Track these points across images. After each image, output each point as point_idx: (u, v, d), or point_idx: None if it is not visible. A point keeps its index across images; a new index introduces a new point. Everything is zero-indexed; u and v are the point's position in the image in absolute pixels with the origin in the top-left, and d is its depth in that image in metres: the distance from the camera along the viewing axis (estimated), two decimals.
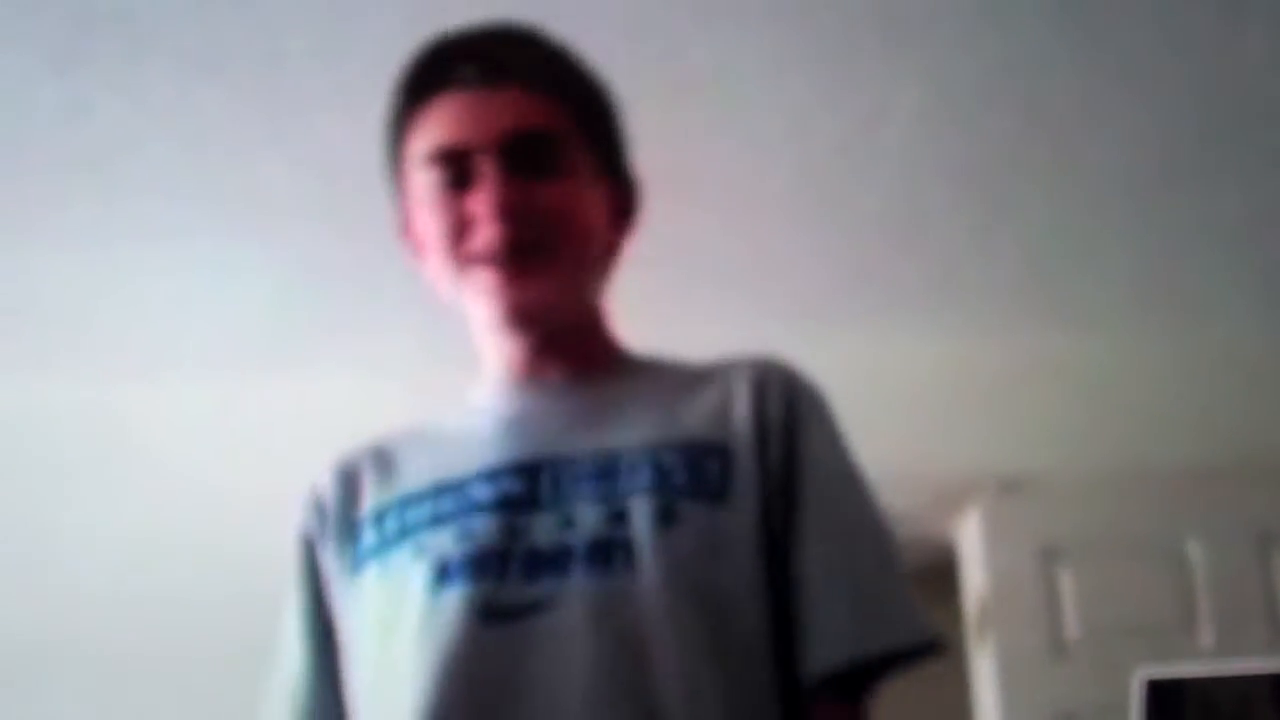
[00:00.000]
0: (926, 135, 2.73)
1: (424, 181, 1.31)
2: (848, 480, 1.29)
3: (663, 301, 1.49)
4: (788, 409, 1.28)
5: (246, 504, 3.04)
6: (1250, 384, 3.47)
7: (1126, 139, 2.75)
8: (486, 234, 1.26)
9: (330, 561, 1.32)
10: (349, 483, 1.35)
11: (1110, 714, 2.64)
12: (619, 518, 1.19)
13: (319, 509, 1.35)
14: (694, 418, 1.27)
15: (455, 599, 1.16)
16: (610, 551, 1.17)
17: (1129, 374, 3.47)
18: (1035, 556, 3.47)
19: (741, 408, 1.27)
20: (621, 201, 1.40)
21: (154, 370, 3.28)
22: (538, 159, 1.29)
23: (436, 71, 1.34)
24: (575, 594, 1.15)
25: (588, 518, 1.19)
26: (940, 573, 3.77)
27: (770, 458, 1.25)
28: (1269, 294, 3.33)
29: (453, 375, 1.41)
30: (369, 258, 2.89)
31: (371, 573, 1.25)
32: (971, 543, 3.60)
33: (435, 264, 1.33)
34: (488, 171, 1.27)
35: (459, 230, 1.28)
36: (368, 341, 3.21)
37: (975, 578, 3.56)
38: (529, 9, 1.42)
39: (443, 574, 1.19)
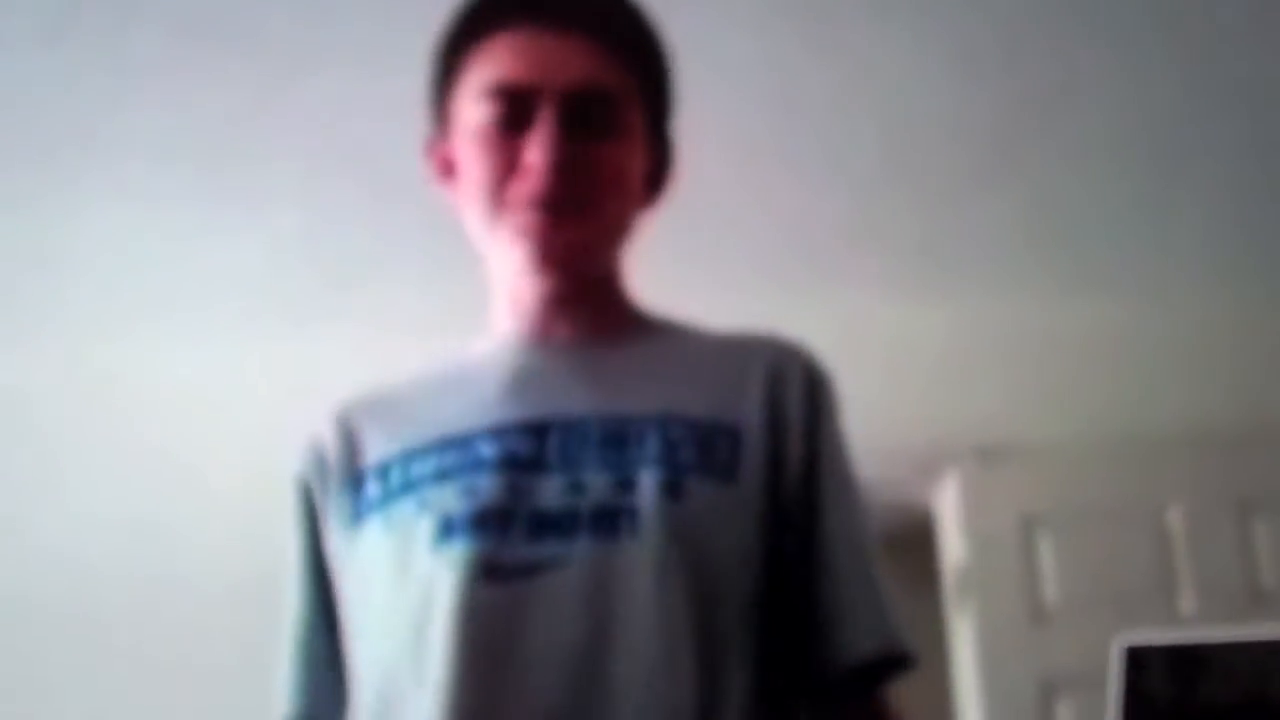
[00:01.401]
0: (904, 109, 2.73)
1: (477, 115, 1.30)
2: (853, 481, 1.31)
3: (648, 259, 1.49)
4: (808, 402, 1.29)
5: (241, 466, 3.05)
6: (1229, 351, 3.49)
7: (1112, 109, 2.77)
8: (535, 184, 1.26)
9: (330, 510, 1.32)
10: (349, 432, 1.34)
11: (1090, 680, 2.63)
12: (626, 486, 1.19)
13: (319, 458, 1.35)
14: (707, 394, 1.27)
15: (458, 555, 1.17)
16: (616, 519, 1.18)
17: (1108, 341, 3.48)
18: (1014, 524, 3.47)
19: (755, 392, 1.28)
20: (657, 164, 1.39)
21: (146, 332, 3.28)
22: (597, 118, 1.28)
23: (511, 4, 1.33)
24: (579, 559, 1.16)
25: (596, 484, 1.20)
26: (919, 540, 3.77)
27: (787, 448, 1.26)
28: (1248, 263, 3.35)
29: (454, 326, 1.41)
30: (360, 217, 2.90)
31: (375, 525, 1.25)
32: (950, 510, 3.60)
33: (471, 202, 1.32)
34: (547, 119, 1.26)
35: (506, 173, 1.27)
36: (362, 300, 3.22)
37: (954, 545, 3.56)
38: None
39: (447, 529, 1.19)
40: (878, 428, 3.12)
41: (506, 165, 1.27)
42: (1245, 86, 2.70)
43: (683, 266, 2.97)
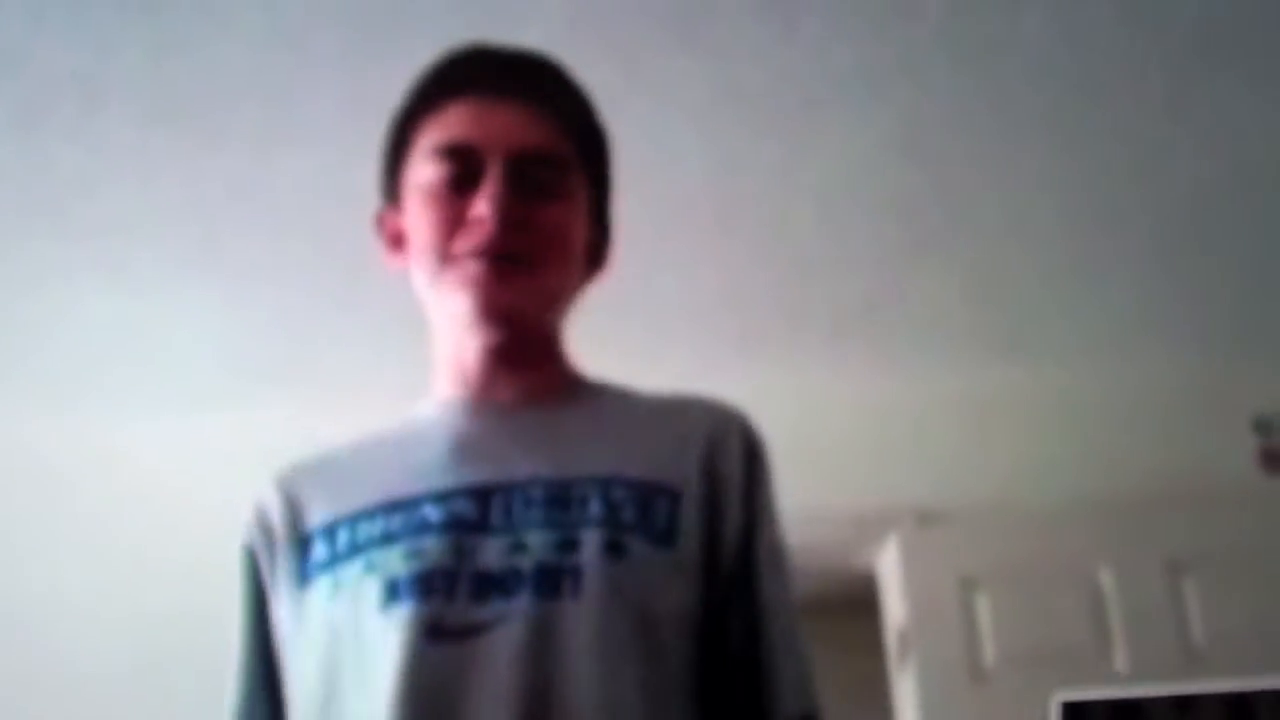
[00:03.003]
0: (842, 185, 2.80)
1: (427, 173, 1.34)
2: (783, 546, 1.34)
3: (590, 329, 1.53)
4: (746, 468, 1.32)
5: (198, 542, 3.05)
6: (1156, 417, 3.56)
7: (1043, 179, 2.83)
8: (482, 235, 1.29)
9: (276, 573, 1.32)
10: (292, 497, 1.35)
11: None
12: (569, 546, 1.21)
13: (263, 523, 1.34)
14: (647, 456, 1.30)
15: (404, 616, 1.18)
16: (558, 578, 1.19)
17: (1042, 408, 3.55)
18: (953, 585, 3.51)
19: (694, 455, 1.30)
20: (597, 244, 1.43)
21: (115, 406, 3.28)
22: (541, 180, 1.33)
23: (462, 74, 1.39)
24: (521, 616, 1.17)
25: (537, 543, 1.21)
26: (862, 601, 3.83)
27: (724, 512, 1.29)
28: (1174, 332, 3.43)
29: (409, 405, 1.44)
30: (324, 296, 2.92)
31: (322, 586, 1.26)
32: (891, 572, 3.65)
33: (417, 258, 1.34)
34: (494, 176, 1.30)
35: (453, 228, 1.31)
36: (324, 377, 3.23)
37: (895, 606, 3.61)
38: None
39: (392, 591, 1.20)
40: (820, 494, 3.20)
41: (454, 220, 1.30)
42: (1173, 153, 2.75)
43: (625, 337, 3.02)
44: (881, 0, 2.32)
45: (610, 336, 3.02)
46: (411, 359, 1.53)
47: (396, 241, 1.40)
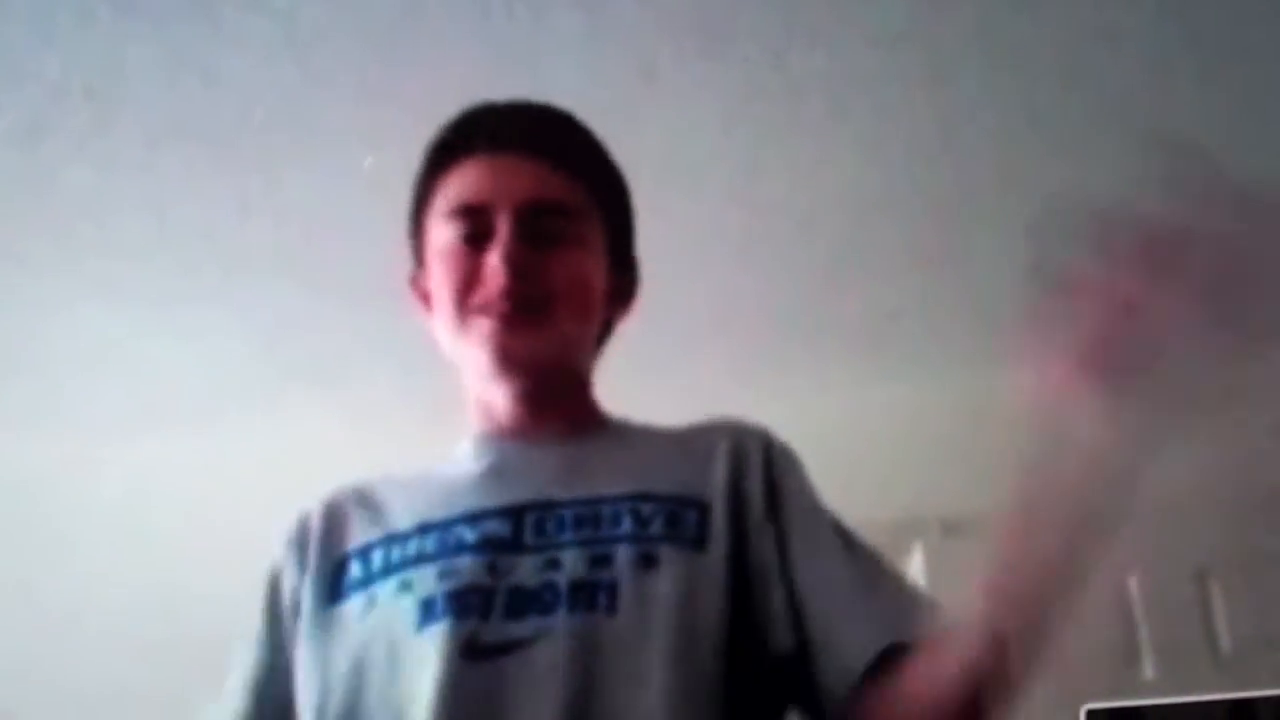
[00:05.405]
0: (869, 191, 2.79)
1: (443, 235, 1.39)
2: (823, 513, 1.36)
3: (618, 356, 1.55)
4: (766, 466, 1.35)
5: (220, 560, 3.06)
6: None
7: (1051, 190, 2.82)
8: (495, 289, 1.33)
9: (302, 588, 1.35)
10: (334, 517, 1.40)
11: None
12: (602, 561, 1.24)
13: (301, 535, 1.40)
14: (674, 474, 1.33)
15: (439, 635, 1.20)
16: (594, 592, 1.22)
17: None
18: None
19: (720, 469, 1.34)
20: (620, 284, 1.47)
21: (123, 429, 3.28)
22: (551, 228, 1.36)
23: (468, 134, 1.43)
24: (558, 631, 1.19)
25: (571, 560, 1.24)
26: None
27: (749, 515, 1.31)
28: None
29: (425, 424, 1.46)
30: (335, 313, 2.92)
31: (356, 604, 1.29)
32: (917, 582, 3.63)
33: (441, 316, 1.39)
34: (503, 230, 1.35)
35: (469, 284, 1.35)
36: (336, 395, 3.23)
37: None
38: (487, 86, 1.48)
39: (428, 610, 1.22)
40: (843, 506, 3.18)
41: (470, 276, 1.35)
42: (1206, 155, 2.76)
43: (651, 349, 3.02)
44: (908, 2, 2.32)
45: (636, 349, 3.04)
46: (422, 381, 1.54)
47: (426, 301, 1.44)
